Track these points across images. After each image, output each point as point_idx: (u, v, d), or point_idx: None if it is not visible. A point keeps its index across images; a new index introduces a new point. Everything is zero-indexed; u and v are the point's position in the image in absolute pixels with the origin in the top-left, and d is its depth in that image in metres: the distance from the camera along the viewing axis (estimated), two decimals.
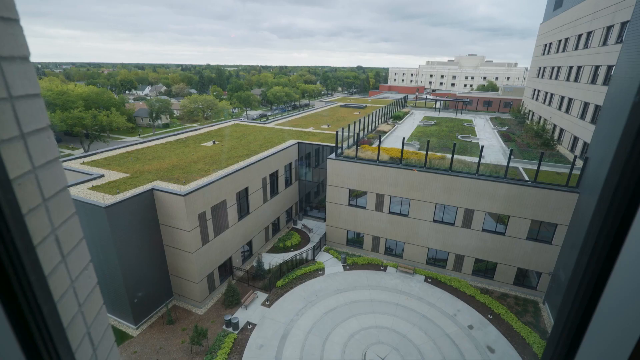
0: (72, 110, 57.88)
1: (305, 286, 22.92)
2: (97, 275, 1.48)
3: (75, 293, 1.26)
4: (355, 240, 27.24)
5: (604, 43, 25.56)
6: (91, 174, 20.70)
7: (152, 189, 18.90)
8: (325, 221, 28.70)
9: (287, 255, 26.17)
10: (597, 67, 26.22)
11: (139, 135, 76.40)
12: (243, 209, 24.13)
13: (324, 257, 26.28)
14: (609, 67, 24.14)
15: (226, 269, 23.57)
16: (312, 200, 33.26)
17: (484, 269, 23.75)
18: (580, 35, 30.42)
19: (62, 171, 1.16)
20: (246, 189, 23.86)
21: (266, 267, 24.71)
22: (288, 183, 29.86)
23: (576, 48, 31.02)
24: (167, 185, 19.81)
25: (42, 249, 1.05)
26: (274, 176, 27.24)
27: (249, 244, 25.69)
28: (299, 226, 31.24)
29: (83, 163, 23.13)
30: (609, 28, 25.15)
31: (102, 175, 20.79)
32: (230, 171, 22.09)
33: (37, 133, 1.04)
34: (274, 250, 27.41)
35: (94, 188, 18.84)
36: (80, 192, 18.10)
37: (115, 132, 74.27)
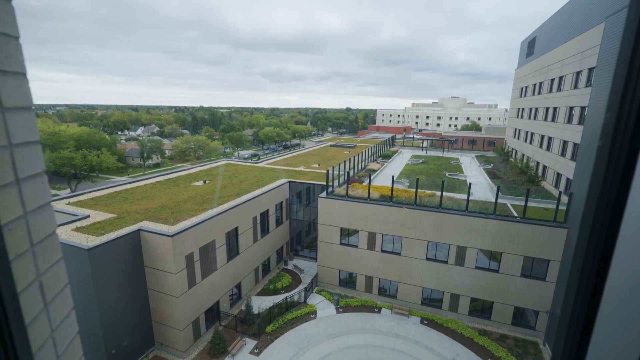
0: (62, 151, 57.71)
1: (296, 331, 21.80)
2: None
3: (54, 344, 1.20)
4: (348, 281, 26.50)
5: (575, 86, 27.41)
6: (76, 215, 20.17)
7: (139, 230, 18.42)
8: (316, 261, 28.05)
9: (278, 298, 25.14)
10: (571, 108, 27.86)
11: (128, 175, 75.86)
12: (232, 250, 23.53)
13: (315, 299, 25.32)
14: (582, 108, 25.67)
15: (213, 314, 22.40)
16: (303, 239, 32.74)
17: (481, 308, 23.14)
18: (553, 80, 32.64)
19: (52, 215, 1.16)
20: (236, 229, 23.45)
21: (255, 311, 23.59)
22: (279, 222, 29.52)
23: (550, 91, 33.12)
24: (155, 225, 19.37)
25: (25, 296, 1.02)
26: (264, 215, 26.97)
27: (238, 286, 24.72)
28: (289, 267, 30.40)
29: (69, 203, 22.63)
30: (578, 73, 27.13)
31: (88, 216, 20.27)
32: (220, 210, 21.83)
33: (32, 178, 1.06)
34: (264, 292, 26.36)
35: (78, 229, 18.27)
36: (64, 234, 17.50)
37: (105, 171, 73.74)
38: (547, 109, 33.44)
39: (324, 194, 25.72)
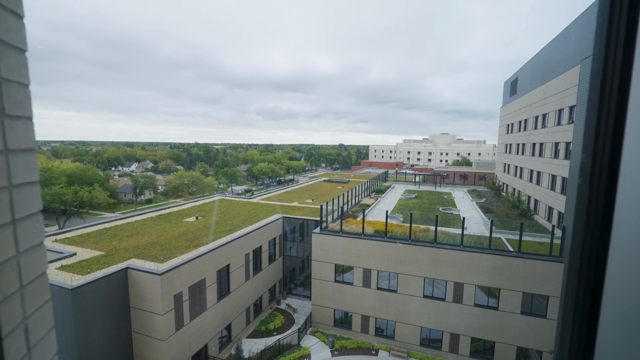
0: (53, 187, 57.08)
1: None
2: None
3: None
4: (343, 321, 25.46)
5: (559, 123, 28.61)
6: (62, 252, 19.52)
7: (127, 268, 17.80)
8: (310, 300, 27.09)
9: (270, 340, 23.90)
10: (557, 144, 28.86)
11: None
12: (223, 288, 22.70)
13: (310, 341, 24.11)
14: (567, 143, 26.60)
15: (201, 358, 21.08)
16: (297, 277, 31.86)
17: (482, 349, 22.20)
18: (537, 117, 34.09)
19: (44, 255, 1.15)
20: (228, 266, 22.81)
21: (246, 355, 22.28)
22: (272, 259, 28.85)
23: (535, 127, 34.46)
24: (144, 263, 18.77)
25: (9, 341, 0.98)
26: (257, 252, 26.40)
27: (228, 327, 23.54)
28: (282, 306, 29.24)
29: (55, 240, 21.98)
30: (560, 111, 28.45)
31: (74, 254, 19.63)
32: (211, 247, 21.35)
33: (28, 218, 1.06)
34: (255, 334, 25.08)
35: (62, 268, 17.61)
36: (47, 273, 16.80)
37: (96, 207, 72.55)
38: (534, 144, 34.58)
39: (317, 229, 25.46)
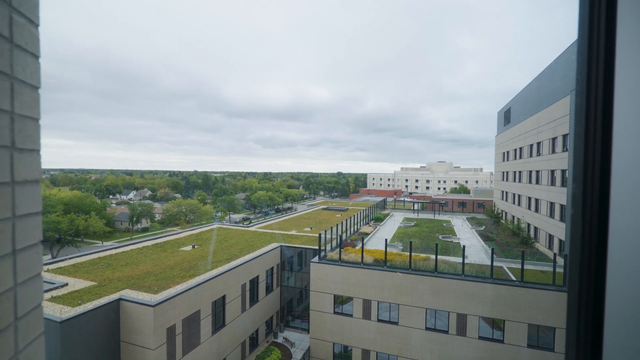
0: (49, 215, 56.58)
1: None
2: None
3: None
4: (343, 356, 24.37)
5: (553, 151, 29.08)
6: (53, 283, 18.98)
7: (119, 299, 17.26)
8: (308, 333, 26.08)
9: None
10: (552, 171, 29.16)
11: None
12: (218, 320, 21.91)
13: None
14: (563, 171, 26.89)
15: None
16: (294, 308, 30.89)
17: None
18: (531, 145, 34.70)
19: (41, 286, 1.14)
20: (223, 297, 22.16)
21: None
22: (269, 289, 28.10)
23: (530, 155, 34.97)
24: (137, 294, 18.23)
25: None
26: (254, 282, 25.77)
27: None
28: (279, 339, 28.09)
29: (47, 270, 21.44)
30: (553, 139, 29.02)
31: (66, 284, 19.09)
32: (207, 277, 20.85)
33: (28, 249, 1.07)
34: None
35: (53, 299, 17.05)
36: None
37: (91, 236, 71.42)
38: (530, 172, 34.94)
39: (316, 258, 25.02)
